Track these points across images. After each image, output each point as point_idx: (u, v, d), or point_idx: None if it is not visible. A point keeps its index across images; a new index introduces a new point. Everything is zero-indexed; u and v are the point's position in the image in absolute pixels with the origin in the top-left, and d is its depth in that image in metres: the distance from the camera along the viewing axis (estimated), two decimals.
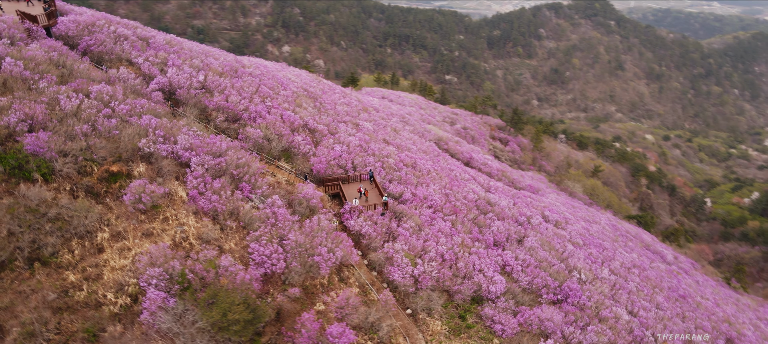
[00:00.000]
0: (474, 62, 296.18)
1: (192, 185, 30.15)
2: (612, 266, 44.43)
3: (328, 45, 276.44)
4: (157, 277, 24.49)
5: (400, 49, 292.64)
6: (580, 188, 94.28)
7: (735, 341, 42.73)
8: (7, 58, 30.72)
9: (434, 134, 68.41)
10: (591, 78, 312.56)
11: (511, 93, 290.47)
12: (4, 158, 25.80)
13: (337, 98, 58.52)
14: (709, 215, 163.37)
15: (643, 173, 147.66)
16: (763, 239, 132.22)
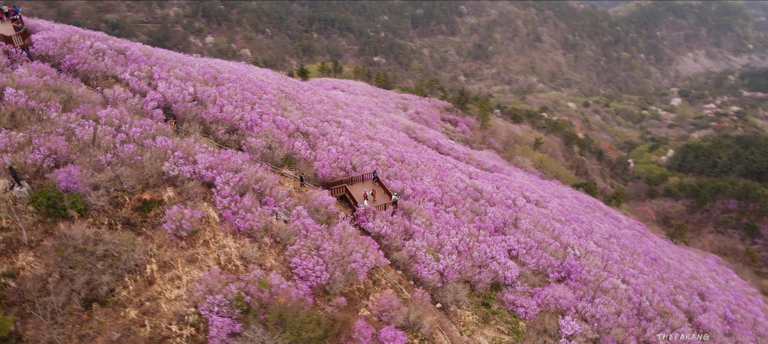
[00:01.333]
0: (400, 42, 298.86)
1: (223, 205, 29.91)
2: (595, 238, 47.82)
3: (253, 33, 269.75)
4: (218, 304, 24.46)
5: (326, 34, 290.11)
6: (530, 162, 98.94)
7: (705, 295, 47.42)
8: (7, 88, 28.94)
9: (402, 123, 69.70)
10: (512, 51, 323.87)
11: (438, 71, 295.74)
12: (37, 198, 24.66)
13: (310, 95, 58.39)
14: (633, 175, 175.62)
15: (575, 141, 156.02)
16: (685, 194, 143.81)
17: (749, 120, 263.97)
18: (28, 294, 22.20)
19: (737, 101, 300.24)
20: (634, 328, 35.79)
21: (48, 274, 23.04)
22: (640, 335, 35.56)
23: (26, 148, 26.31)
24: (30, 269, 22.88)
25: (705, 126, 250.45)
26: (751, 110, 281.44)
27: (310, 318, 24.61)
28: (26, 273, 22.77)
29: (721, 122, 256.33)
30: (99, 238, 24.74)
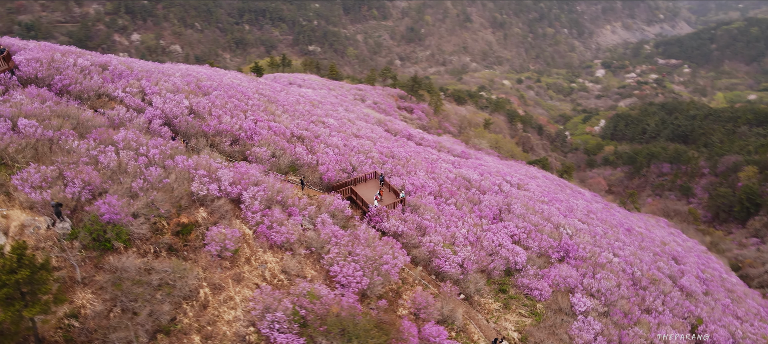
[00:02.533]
0: (334, 30, 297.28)
1: (255, 221, 29.96)
2: (578, 216, 50.77)
3: (182, 28, 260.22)
4: (278, 321, 24.76)
5: (258, 25, 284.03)
6: (486, 143, 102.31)
7: (678, 258, 51.56)
8: (20, 119, 27.62)
9: (373, 117, 70.44)
10: (444, 32, 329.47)
11: (374, 56, 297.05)
12: (80, 232, 23.97)
13: (286, 96, 58.08)
14: (571, 147, 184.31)
15: (518, 118, 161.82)
16: (622, 161, 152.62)
17: (667, 86, 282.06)
18: (94, 333, 21.74)
19: (654, 69, 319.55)
20: (634, 298, 38.75)
21: (109, 310, 22.60)
22: (641, 304, 38.55)
23: (59, 181, 25.37)
24: (90, 307, 22.36)
25: (629, 95, 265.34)
26: (667, 77, 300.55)
27: (372, 325, 25.37)
28: (87, 311, 22.24)
29: (643, 90, 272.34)
30: (150, 267, 24.39)
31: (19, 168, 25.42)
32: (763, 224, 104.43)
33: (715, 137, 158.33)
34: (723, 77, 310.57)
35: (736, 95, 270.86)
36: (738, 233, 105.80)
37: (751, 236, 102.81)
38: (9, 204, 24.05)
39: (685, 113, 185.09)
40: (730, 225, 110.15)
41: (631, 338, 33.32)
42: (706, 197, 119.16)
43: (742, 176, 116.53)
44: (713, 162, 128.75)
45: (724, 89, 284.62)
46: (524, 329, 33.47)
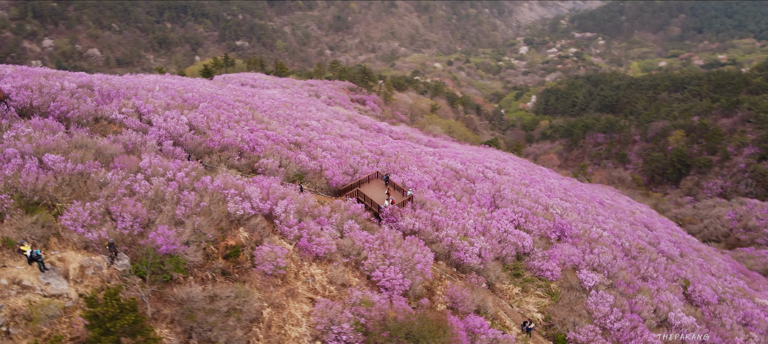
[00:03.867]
0: (260, 23, 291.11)
1: (294, 235, 30.10)
2: (559, 195, 53.69)
3: (98, 30, 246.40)
4: (344, 332, 25.30)
5: (181, 23, 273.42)
6: (440, 129, 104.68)
7: (649, 225, 55.75)
8: (46, 155, 26.34)
9: (343, 113, 70.64)
10: (371, 19, 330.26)
11: (303, 47, 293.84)
12: (140, 267, 23.46)
13: (261, 100, 57.38)
14: (508, 125, 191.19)
15: (458, 101, 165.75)
16: (559, 135, 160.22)
17: (587, 59, 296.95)
18: None
19: (573, 43, 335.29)
20: (630, 268, 41.86)
21: (186, 343, 22.38)
22: (637, 273, 41.71)
23: (107, 217, 24.56)
24: (168, 341, 22.06)
25: (553, 70, 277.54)
26: (585, 50, 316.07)
27: (434, 325, 26.38)
28: None
29: (566, 63, 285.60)
30: (214, 294, 24.23)
31: (62, 207, 24.39)
32: (695, 183, 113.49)
33: (639, 105, 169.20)
34: (634, 47, 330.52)
35: (648, 62, 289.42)
36: (673, 194, 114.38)
37: (685, 195, 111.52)
38: (61, 246, 23.14)
39: (609, 83, 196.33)
40: (665, 187, 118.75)
41: (641, 306, 36.18)
42: (641, 163, 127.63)
43: (671, 140, 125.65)
44: (643, 129, 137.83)
45: (637, 58, 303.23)
46: (545, 309, 35.57)
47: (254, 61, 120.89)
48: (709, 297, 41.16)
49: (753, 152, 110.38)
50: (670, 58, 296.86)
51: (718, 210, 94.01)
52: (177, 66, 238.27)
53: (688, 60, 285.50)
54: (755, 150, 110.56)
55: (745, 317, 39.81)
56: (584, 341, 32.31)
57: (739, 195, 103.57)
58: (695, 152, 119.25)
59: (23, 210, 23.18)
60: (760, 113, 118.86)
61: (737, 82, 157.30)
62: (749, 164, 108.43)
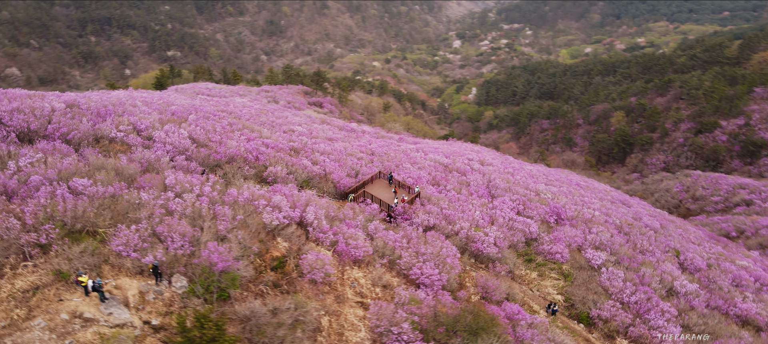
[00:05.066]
0: (191, 32, 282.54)
1: (329, 241, 29.73)
2: (542, 181, 55.49)
3: (16, 48, 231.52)
4: (405, 332, 25.27)
5: (106, 35, 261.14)
6: (400, 126, 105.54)
7: (626, 203, 58.60)
8: (74, 179, 24.78)
9: (316, 117, 69.95)
10: (304, 21, 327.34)
11: (238, 54, 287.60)
12: (194, 288, 22.56)
13: (238, 109, 56.02)
14: (453, 118, 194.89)
15: (405, 97, 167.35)
16: (505, 124, 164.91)
17: (518, 49, 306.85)
18: None
19: (503, 35, 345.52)
20: (627, 244, 43.93)
21: None
22: (634, 247, 43.83)
23: (153, 239, 23.40)
24: None
25: (488, 61, 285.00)
26: (516, 41, 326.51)
27: (489, 317, 26.79)
28: None
29: (499, 55, 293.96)
30: (275, 308, 23.61)
31: (105, 233, 23.05)
32: (640, 160, 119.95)
33: (576, 90, 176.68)
34: (560, 35, 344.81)
35: (575, 49, 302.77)
36: (620, 172, 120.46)
37: (632, 172, 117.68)
38: (114, 273, 21.90)
39: (546, 71, 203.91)
40: (612, 166, 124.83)
41: (649, 278, 38.10)
42: (587, 145, 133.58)
43: (613, 121, 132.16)
44: (585, 112, 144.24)
45: (564, 46, 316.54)
46: (563, 290, 36.81)
47: (201, 70, 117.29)
48: (700, 264, 43.83)
49: (689, 127, 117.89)
50: (594, 44, 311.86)
51: (666, 183, 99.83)
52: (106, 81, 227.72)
53: (611, 45, 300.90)
54: (691, 125, 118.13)
55: (735, 279, 42.68)
56: (608, 317, 33.68)
57: (681, 168, 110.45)
58: (636, 131, 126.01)
59: (70, 239, 21.74)
60: (691, 90, 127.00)
61: (663, 63, 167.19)
62: (687, 138, 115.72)
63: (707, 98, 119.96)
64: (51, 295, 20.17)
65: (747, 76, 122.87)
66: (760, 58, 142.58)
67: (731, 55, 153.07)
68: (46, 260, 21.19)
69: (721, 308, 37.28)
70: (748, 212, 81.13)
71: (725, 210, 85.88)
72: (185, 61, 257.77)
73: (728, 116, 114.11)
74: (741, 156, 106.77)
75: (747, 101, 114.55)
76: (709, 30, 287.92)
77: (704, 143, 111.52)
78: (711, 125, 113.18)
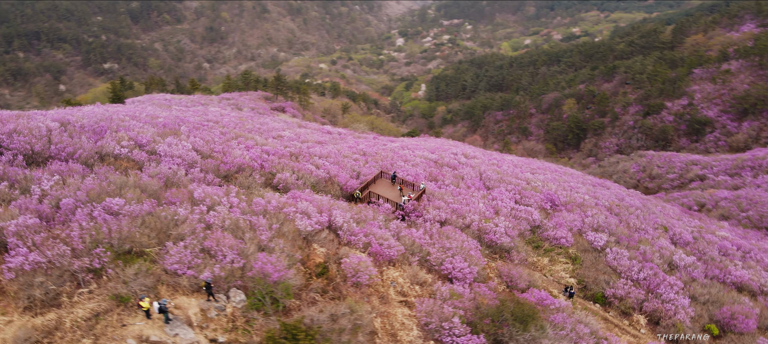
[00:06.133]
0: (127, 42, 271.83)
1: (362, 242, 29.55)
2: (527, 170, 56.91)
3: None
4: (455, 327, 25.49)
5: (35, 50, 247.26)
6: (364, 126, 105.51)
7: (604, 185, 60.88)
8: (107, 199, 23.58)
9: (292, 122, 68.99)
10: (245, 27, 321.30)
11: (179, 63, 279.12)
12: (254, 300, 22.01)
13: (222, 118, 54.65)
14: (407, 114, 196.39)
15: (360, 98, 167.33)
16: (460, 118, 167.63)
17: (460, 45, 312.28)
18: None
19: (444, 30, 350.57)
20: (622, 223, 45.74)
21: None
22: (628, 226, 45.69)
23: (204, 255, 22.59)
24: None
25: (433, 57, 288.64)
26: (458, 36, 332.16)
27: (530, 305, 27.35)
28: None
29: (443, 51, 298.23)
30: (333, 314, 23.30)
31: (152, 252, 22.09)
32: (594, 145, 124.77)
33: (523, 81, 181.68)
34: (499, 29, 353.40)
35: (515, 42, 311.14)
36: (577, 157, 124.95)
37: (587, 157, 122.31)
38: (170, 293, 21.05)
39: (493, 64, 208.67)
40: (567, 152, 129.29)
41: (650, 254, 39.86)
42: (542, 133, 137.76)
43: (565, 109, 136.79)
44: (537, 102, 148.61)
45: (504, 39, 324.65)
46: (575, 273, 37.97)
47: (154, 82, 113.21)
48: (688, 238, 46.21)
49: (638, 110, 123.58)
50: (532, 35, 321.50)
51: (623, 165, 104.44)
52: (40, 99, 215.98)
53: (549, 36, 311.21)
54: (639, 108, 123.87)
55: (721, 249, 45.25)
56: (623, 295, 35.04)
57: (633, 149, 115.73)
58: (588, 117, 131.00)
59: (122, 262, 20.73)
60: (635, 74, 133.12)
61: (604, 50, 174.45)
62: (636, 120, 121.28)
63: (651, 81, 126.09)
64: (114, 321, 19.20)
65: (686, 59, 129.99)
66: (693, 41, 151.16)
67: (666, 40, 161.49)
68: (100, 285, 20.13)
69: (718, 277, 39.45)
70: (703, 186, 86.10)
71: (681, 186, 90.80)
72: (124, 73, 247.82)
73: (672, 98, 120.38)
74: (687, 134, 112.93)
75: (688, 82, 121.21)
76: (637, 17, 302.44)
77: (653, 124, 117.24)
78: (657, 107, 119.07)
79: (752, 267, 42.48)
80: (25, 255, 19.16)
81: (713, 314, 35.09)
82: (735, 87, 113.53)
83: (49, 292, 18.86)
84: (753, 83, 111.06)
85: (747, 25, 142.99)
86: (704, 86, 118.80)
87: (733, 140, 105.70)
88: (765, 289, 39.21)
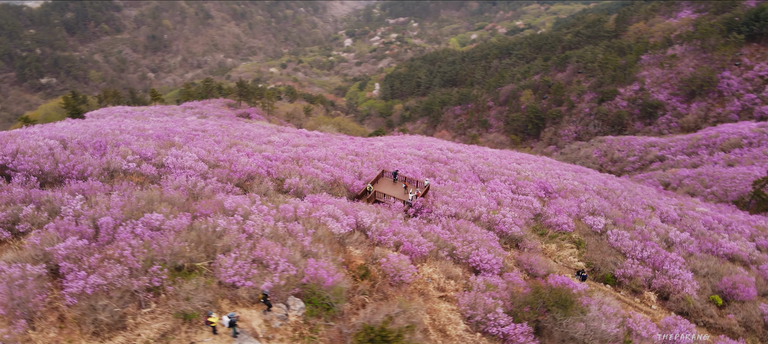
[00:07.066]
0: (65, 55, 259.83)
1: (393, 242, 29.52)
2: (510, 161, 58.11)
3: None
4: (500, 317, 25.83)
5: None
6: (332, 128, 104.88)
7: (585, 171, 62.84)
8: (145, 216, 22.64)
9: (269, 127, 67.83)
10: (189, 34, 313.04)
11: (122, 74, 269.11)
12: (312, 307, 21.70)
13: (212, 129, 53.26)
14: (363, 114, 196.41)
15: (318, 100, 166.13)
16: (418, 114, 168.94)
17: (409, 42, 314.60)
18: None
19: (391, 29, 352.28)
20: (614, 206, 47.38)
21: None
22: (619, 208, 47.37)
23: (256, 265, 22.02)
24: None
25: (383, 56, 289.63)
26: (405, 34, 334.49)
27: (564, 290, 28.01)
28: None
29: (392, 49, 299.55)
30: (388, 315, 23.19)
31: (203, 266, 21.38)
32: (553, 133, 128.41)
33: (477, 75, 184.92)
34: (445, 25, 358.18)
35: (462, 37, 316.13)
36: (538, 146, 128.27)
37: (548, 145, 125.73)
38: (230, 306, 20.46)
39: (445, 60, 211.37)
40: (528, 142, 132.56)
41: (648, 233, 41.51)
42: (502, 125, 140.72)
43: (522, 100, 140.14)
44: (495, 95, 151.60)
45: (450, 34, 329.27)
46: (582, 257, 39.10)
47: (109, 94, 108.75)
48: (674, 215, 48.35)
49: (592, 97, 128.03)
50: (478, 30, 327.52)
51: (585, 151, 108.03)
52: None
53: (494, 30, 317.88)
54: (593, 95, 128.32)
55: (705, 223, 47.59)
56: (632, 274, 36.35)
57: (591, 135, 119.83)
58: (546, 107, 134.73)
59: (182, 278, 20.00)
60: (587, 63, 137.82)
61: (552, 41, 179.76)
62: (592, 107, 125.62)
63: (603, 69, 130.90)
64: (183, 339, 18.51)
65: (633, 46, 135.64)
66: (635, 29, 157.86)
67: (610, 29, 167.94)
68: (160, 303, 19.35)
69: (712, 250, 41.44)
70: (663, 167, 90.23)
71: (642, 168, 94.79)
72: (63, 88, 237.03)
73: (624, 83, 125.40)
74: (641, 118, 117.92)
75: (638, 68, 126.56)
76: (576, 9, 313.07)
77: (608, 110, 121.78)
78: (611, 93, 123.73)
79: (737, 238, 44.85)
80: (84, 278, 18.18)
81: (715, 285, 36.86)
82: (681, 71, 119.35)
83: (114, 314, 17.98)
84: (698, 66, 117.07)
85: (684, 12, 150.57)
86: (653, 71, 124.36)
87: (684, 121, 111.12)
88: (753, 258, 41.47)
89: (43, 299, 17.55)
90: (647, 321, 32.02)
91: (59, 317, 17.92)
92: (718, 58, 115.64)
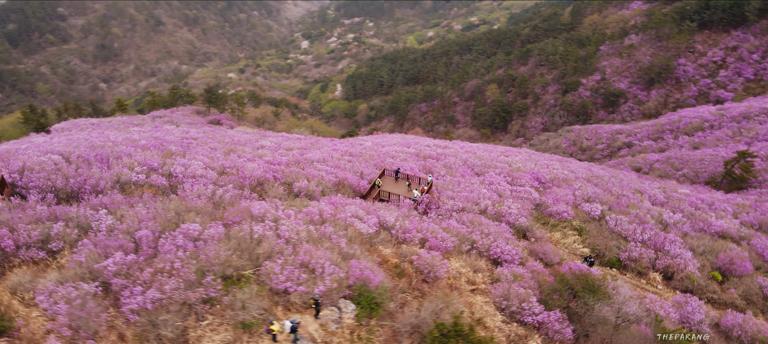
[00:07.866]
0: (8, 68, 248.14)
1: (419, 239, 29.58)
2: (496, 154, 58.96)
3: None
4: (534, 306, 26.24)
5: None
6: (305, 130, 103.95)
7: (568, 160, 64.34)
8: (182, 225, 21.97)
9: (253, 132, 66.71)
10: (140, 42, 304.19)
11: (72, 86, 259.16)
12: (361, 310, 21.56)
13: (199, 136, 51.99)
14: (328, 115, 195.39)
15: (282, 103, 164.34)
16: (383, 113, 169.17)
17: (366, 42, 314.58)
18: None
19: (347, 29, 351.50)
20: (606, 192, 48.70)
21: None
22: (611, 194, 48.71)
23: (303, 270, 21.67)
24: None
25: (341, 57, 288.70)
26: (362, 34, 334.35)
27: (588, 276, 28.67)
28: None
29: (350, 49, 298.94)
30: (434, 311, 23.23)
31: (250, 274, 20.94)
32: (521, 125, 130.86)
33: (439, 72, 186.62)
34: (401, 24, 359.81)
35: (419, 35, 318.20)
36: (506, 139, 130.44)
37: (517, 138, 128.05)
38: (284, 312, 20.11)
39: (406, 58, 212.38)
40: (497, 135, 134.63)
41: (643, 216, 42.88)
42: (470, 119, 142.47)
43: (488, 94, 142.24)
44: (460, 91, 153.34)
45: (407, 33, 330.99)
46: (586, 243, 40.04)
47: (70, 107, 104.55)
48: (661, 198, 50.11)
49: (556, 89, 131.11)
50: (434, 27, 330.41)
51: (554, 141, 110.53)
52: None
53: (450, 27, 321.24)
54: (557, 87, 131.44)
55: (691, 204, 49.49)
56: (637, 257, 37.53)
57: (557, 126, 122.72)
58: (511, 100, 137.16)
59: (235, 287, 19.51)
60: (549, 56, 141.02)
61: (511, 36, 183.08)
62: (557, 99, 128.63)
63: (564, 61, 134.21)
64: None
65: (592, 37, 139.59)
66: (590, 21, 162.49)
67: (566, 22, 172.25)
68: (216, 314, 18.83)
69: (704, 229, 43.15)
70: (632, 153, 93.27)
71: (611, 155, 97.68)
72: (9, 102, 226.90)
73: (586, 74, 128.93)
74: (604, 107, 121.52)
75: (598, 59, 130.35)
76: (528, 3, 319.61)
77: (572, 100, 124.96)
78: (574, 84, 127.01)
79: (724, 216, 46.83)
80: (142, 294, 17.51)
81: (713, 262, 38.43)
82: (639, 59, 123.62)
83: (176, 329, 17.39)
84: (655, 54, 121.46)
85: (636, 3, 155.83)
86: (613, 60, 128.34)
87: (645, 108, 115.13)
88: (742, 234, 43.37)
89: (105, 318, 16.80)
90: (661, 300, 33.13)
91: (119, 335, 17.21)
92: (673, 46, 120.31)
